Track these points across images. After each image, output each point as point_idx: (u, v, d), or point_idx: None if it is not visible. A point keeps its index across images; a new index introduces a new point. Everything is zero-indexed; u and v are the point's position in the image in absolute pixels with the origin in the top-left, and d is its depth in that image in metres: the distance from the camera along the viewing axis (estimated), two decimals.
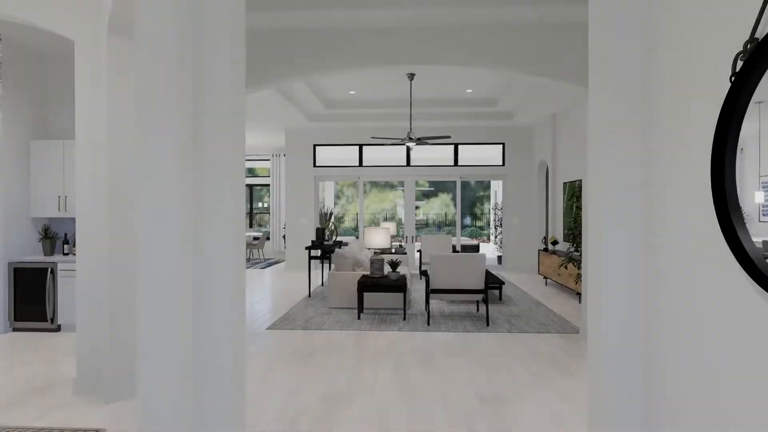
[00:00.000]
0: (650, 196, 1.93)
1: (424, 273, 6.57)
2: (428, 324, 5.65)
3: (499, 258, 10.94)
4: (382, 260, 6.15)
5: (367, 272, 6.68)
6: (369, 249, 7.53)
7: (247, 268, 11.01)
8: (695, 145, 1.51)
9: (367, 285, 5.91)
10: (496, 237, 12.10)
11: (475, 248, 11.78)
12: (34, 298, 5.23)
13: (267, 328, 5.52)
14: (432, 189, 15.42)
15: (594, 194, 2.16)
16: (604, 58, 2.11)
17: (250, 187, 14.22)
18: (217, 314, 2.28)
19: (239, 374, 2.37)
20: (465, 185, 11.06)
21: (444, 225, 15.87)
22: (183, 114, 2.14)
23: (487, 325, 5.61)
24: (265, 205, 14.26)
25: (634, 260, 2.02)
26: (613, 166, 2.09)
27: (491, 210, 14.62)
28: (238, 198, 2.35)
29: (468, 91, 8.64)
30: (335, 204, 15.18)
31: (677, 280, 1.65)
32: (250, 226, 14.27)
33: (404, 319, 5.91)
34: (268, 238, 13.15)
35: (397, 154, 10.62)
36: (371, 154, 10.70)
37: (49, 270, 5.23)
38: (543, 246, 9.58)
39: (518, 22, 4.88)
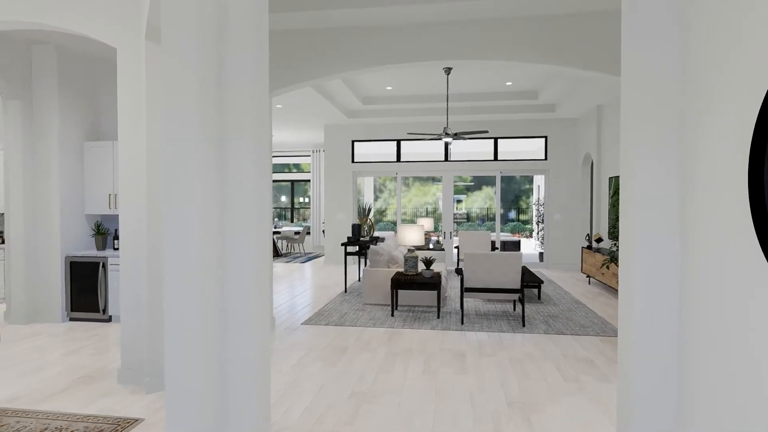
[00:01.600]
0: (686, 193, 1.82)
1: (459, 271, 6.49)
2: (462, 323, 5.58)
3: (541, 255, 10.64)
4: (416, 257, 6.12)
5: (402, 269, 6.67)
6: (404, 246, 7.50)
7: (287, 262, 11.27)
8: (734, 143, 1.40)
9: (400, 282, 5.91)
10: (538, 233, 11.78)
11: (516, 244, 11.51)
12: (87, 290, 5.58)
13: (302, 323, 5.64)
14: (473, 183, 15.19)
15: (627, 190, 2.05)
16: (638, 50, 1.99)
17: (292, 182, 14.52)
18: (243, 313, 2.35)
19: (264, 371, 2.43)
20: (510, 177, 10.80)
21: (487, 219, 15.60)
22: (207, 122, 2.20)
23: (523, 325, 5.48)
24: (307, 200, 14.52)
25: (669, 259, 1.91)
26: (648, 162, 1.98)
27: (533, 205, 14.22)
28: (262, 201, 2.40)
29: (507, 83, 8.42)
30: (377, 198, 15.24)
31: (713, 282, 1.54)
32: (292, 220, 14.59)
33: (438, 317, 5.87)
34: (308, 233, 13.40)
35: (435, 149, 10.52)
36: (409, 149, 10.65)
37: (101, 264, 5.56)
38: (586, 243, 9.23)
39: (559, 13, 4.69)
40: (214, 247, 2.27)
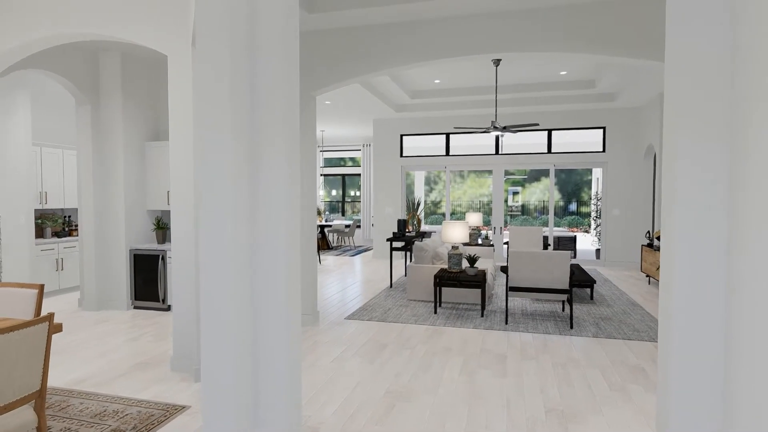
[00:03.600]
0: (737, 195, 1.67)
1: (504, 269, 6.33)
2: (506, 323, 5.46)
3: (597, 252, 10.15)
4: (461, 255, 6.04)
5: (446, 266, 6.61)
6: (449, 243, 7.43)
7: (338, 255, 11.50)
8: None
9: (444, 279, 5.86)
10: (595, 228, 11.25)
11: (572, 240, 11.05)
12: (149, 281, 6.00)
13: (346, 318, 5.74)
14: (526, 177, 14.70)
15: (670, 188, 1.91)
16: (682, 33, 1.84)
17: (343, 176, 14.76)
18: (273, 311, 2.43)
19: (295, 367, 2.51)
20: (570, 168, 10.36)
21: (544, 212, 15.07)
22: (238, 128, 2.28)
23: (571, 327, 5.27)
24: (358, 193, 14.70)
25: (715, 264, 1.78)
26: (693, 158, 1.84)
27: (591, 199, 13.56)
28: (293, 204, 2.46)
29: (562, 73, 8.05)
30: (432, 189, 15.13)
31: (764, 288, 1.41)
32: (343, 213, 14.84)
33: (482, 315, 5.77)
34: (358, 226, 13.58)
35: (486, 141, 10.28)
36: (459, 142, 10.49)
37: (160, 256, 5.94)
38: (647, 241, 8.70)
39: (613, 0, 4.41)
40: (246, 249, 2.36)
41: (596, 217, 10.75)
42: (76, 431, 2.93)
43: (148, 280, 5.99)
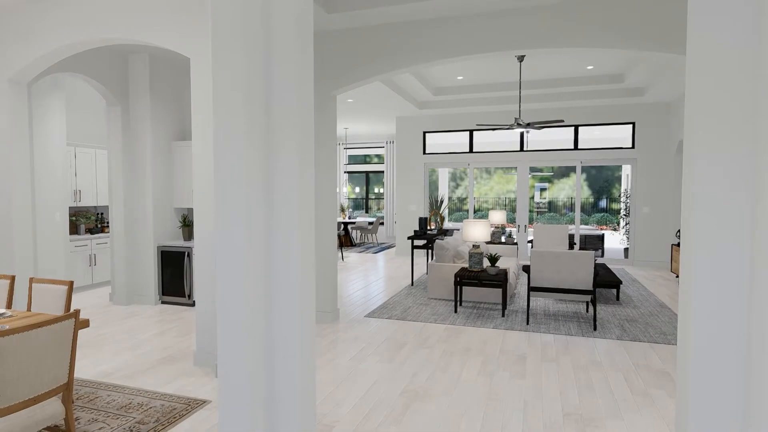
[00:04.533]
0: (762, 189, 1.61)
1: (526, 269, 6.25)
2: (527, 323, 5.38)
3: (626, 251, 9.89)
4: (481, 253, 5.98)
5: (467, 265, 6.56)
6: (469, 242, 7.37)
7: (361, 252, 11.56)
8: None
9: (464, 278, 5.82)
10: (624, 227, 10.96)
11: (599, 239, 10.80)
12: (175, 277, 6.17)
13: (366, 315, 5.78)
14: (553, 173, 14.42)
15: (689, 184, 1.85)
16: (705, 30, 1.77)
17: (367, 173, 14.80)
18: (287, 311, 2.47)
19: (308, 366, 2.55)
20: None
21: (573, 209, 14.78)
22: (252, 133, 2.32)
23: (594, 329, 5.16)
24: (382, 190, 14.72)
25: (736, 265, 1.72)
26: (713, 157, 1.77)
27: (621, 196, 13.20)
28: (307, 207, 2.49)
29: (588, 67, 7.85)
30: (458, 186, 15.03)
31: None
32: (367, 210, 14.90)
33: (503, 315, 5.71)
34: (382, 223, 13.61)
35: (510, 138, 10.14)
36: (482, 139, 10.37)
37: (186, 253, 6.10)
38: (677, 240, 8.42)
39: None
40: (259, 251, 2.40)
41: (625, 214, 10.46)
42: (102, 422, 3.05)
43: (174, 276, 6.17)
